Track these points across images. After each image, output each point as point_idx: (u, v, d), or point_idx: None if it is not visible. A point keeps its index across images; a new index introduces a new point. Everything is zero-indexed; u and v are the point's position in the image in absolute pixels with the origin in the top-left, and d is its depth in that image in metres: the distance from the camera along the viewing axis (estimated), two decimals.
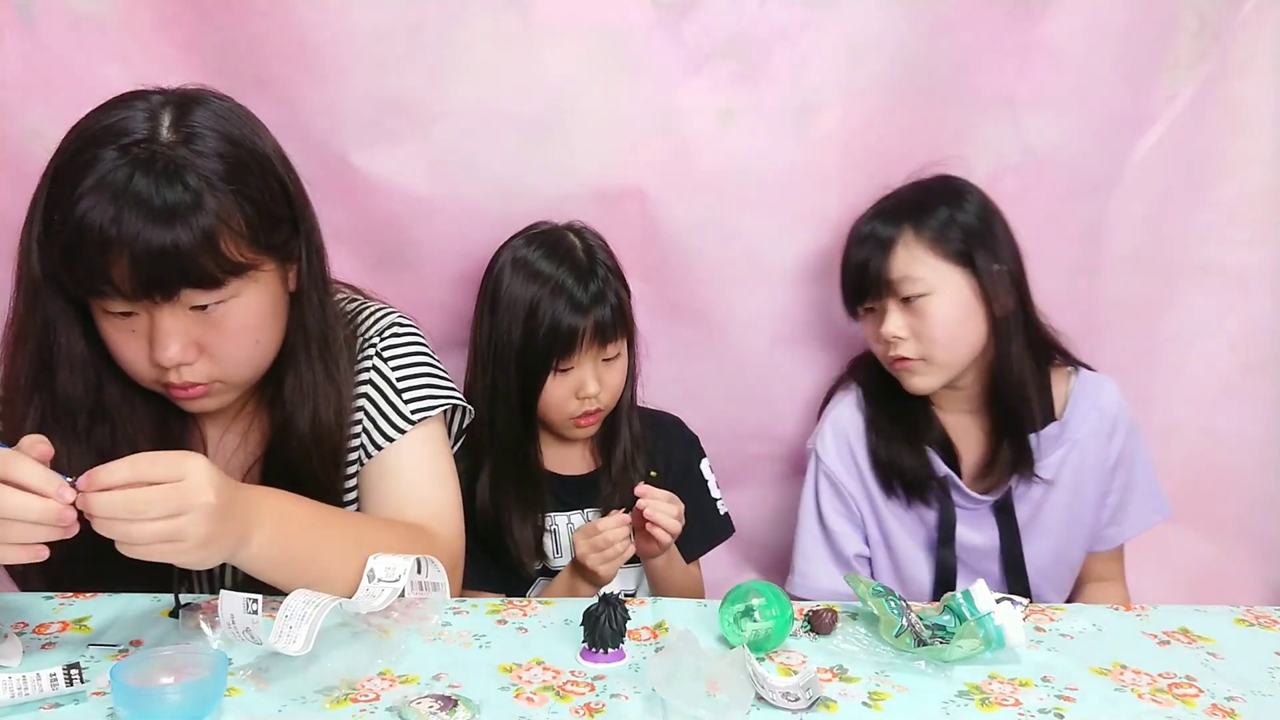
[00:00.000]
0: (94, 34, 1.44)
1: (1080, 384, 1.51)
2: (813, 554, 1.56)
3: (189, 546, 0.90)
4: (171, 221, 0.98)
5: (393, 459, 1.23)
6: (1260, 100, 1.60)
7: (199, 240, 1.00)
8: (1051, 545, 1.52)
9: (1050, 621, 1.13)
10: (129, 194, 0.98)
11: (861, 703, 0.95)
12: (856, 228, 1.50)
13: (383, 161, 1.51)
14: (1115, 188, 1.63)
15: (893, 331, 1.44)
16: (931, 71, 1.54)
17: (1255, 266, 1.66)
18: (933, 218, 1.44)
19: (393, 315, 1.29)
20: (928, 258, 1.42)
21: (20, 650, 1.00)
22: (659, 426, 1.57)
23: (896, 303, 1.44)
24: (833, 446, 1.55)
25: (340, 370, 1.20)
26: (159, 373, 1.07)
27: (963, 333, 1.43)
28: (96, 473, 0.88)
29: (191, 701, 0.88)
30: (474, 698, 0.92)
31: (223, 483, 0.92)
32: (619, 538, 1.36)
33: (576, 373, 1.41)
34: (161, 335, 1.04)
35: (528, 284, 1.41)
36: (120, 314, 1.05)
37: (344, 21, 1.44)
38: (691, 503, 1.55)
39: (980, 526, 1.51)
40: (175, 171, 0.99)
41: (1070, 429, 1.49)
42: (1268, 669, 1.04)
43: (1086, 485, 1.51)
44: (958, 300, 1.43)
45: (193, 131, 1.03)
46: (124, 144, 1.00)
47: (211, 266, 1.02)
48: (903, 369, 1.46)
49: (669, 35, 1.50)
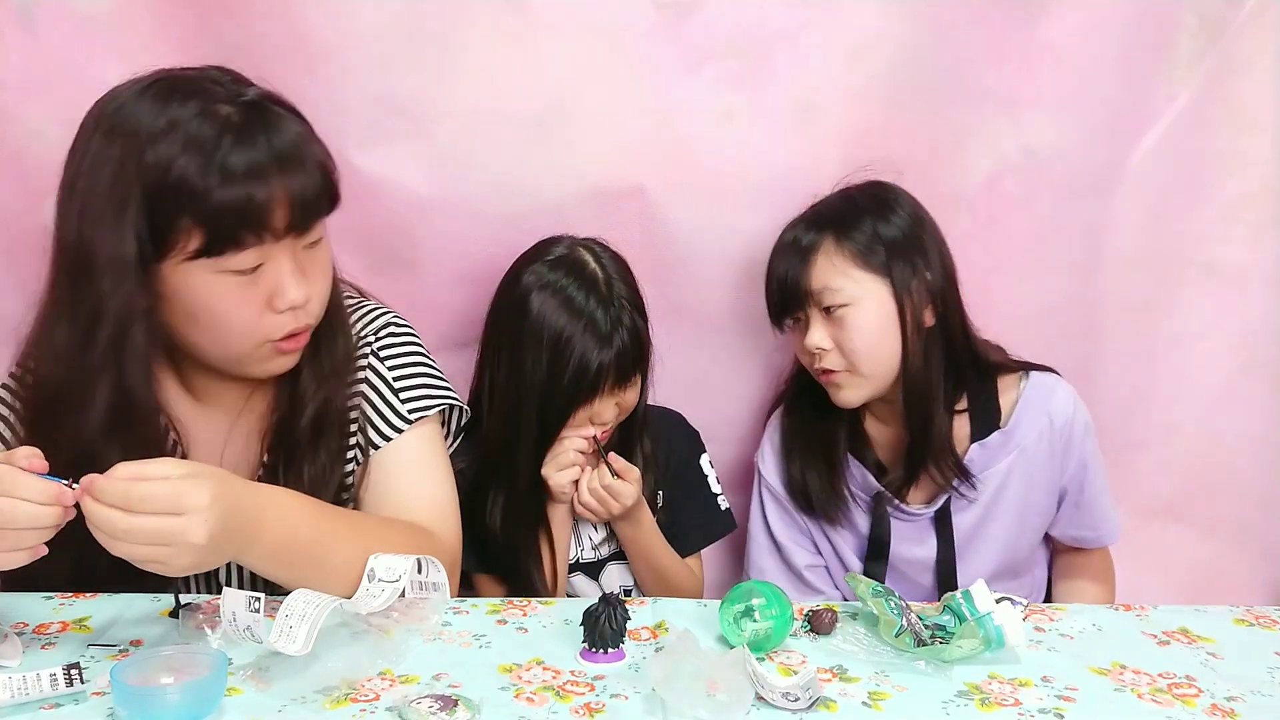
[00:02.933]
0: (94, 34, 1.44)
1: (1030, 389, 1.47)
2: (766, 567, 1.56)
3: (172, 569, 0.91)
4: (298, 160, 1.06)
5: (389, 459, 1.23)
6: (1260, 100, 1.60)
7: (321, 167, 1.10)
8: (995, 554, 1.49)
9: (1050, 621, 1.13)
10: (267, 141, 1.04)
11: (861, 703, 0.95)
12: (781, 237, 1.48)
13: (383, 162, 1.51)
14: (1115, 188, 1.63)
15: (815, 343, 1.41)
16: (931, 71, 1.54)
17: (1255, 266, 1.66)
18: (855, 229, 1.41)
19: (388, 315, 1.29)
20: (848, 268, 1.39)
21: (20, 650, 1.00)
22: (659, 422, 1.57)
23: (819, 313, 1.41)
24: (771, 460, 1.56)
25: (344, 359, 1.22)
26: (277, 325, 1.10)
27: (884, 344, 1.40)
28: (94, 484, 0.89)
29: (191, 701, 0.88)
30: (474, 698, 0.92)
31: (220, 515, 0.91)
32: (575, 447, 1.41)
33: (597, 404, 1.41)
34: (289, 277, 1.08)
35: (554, 315, 1.37)
36: (247, 271, 1.06)
37: (345, 22, 1.44)
38: (692, 497, 1.56)
39: (921, 539, 1.49)
40: (276, 120, 1.07)
41: (1016, 436, 1.45)
42: (1268, 669, 1.04)
43: (1036, 491, 1.48)
44: (879, 311, 1.39)
45: (265, 93, 1.11)
46: (214, 102, 1.04)
47: (334, 188, 1.12)
48: (829, 382, 1.43)
49: (669, 35, 1.50)
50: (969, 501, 1.46)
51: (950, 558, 1.48)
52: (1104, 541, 1.56)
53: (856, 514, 1.51)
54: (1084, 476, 1.49)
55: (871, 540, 1.50)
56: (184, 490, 0.90)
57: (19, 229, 1.11)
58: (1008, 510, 1.48)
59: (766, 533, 1.57)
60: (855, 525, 1.52)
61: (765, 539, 1.57)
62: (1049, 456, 1.46)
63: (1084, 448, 1.47)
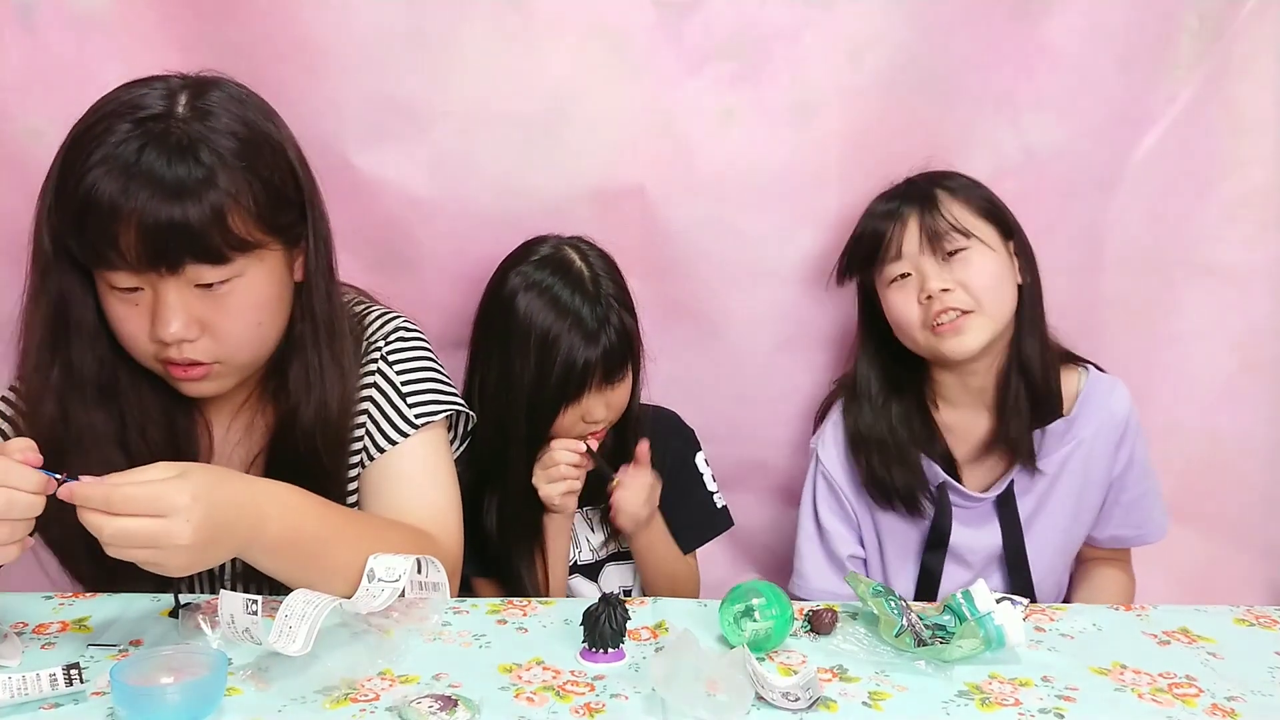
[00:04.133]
0: (94, 34, 1.44)
1: (1091, 383, 1.50)
2: (808, 554, 1.56)
3: (170, 569, 0.92)
4: (181, 195, 0.99)
5: (394, 463, 1.23)
6: (1260, 100, 1.59)
7: (207, 215, 1.01)
8: (1055, 542, 1.51)
9: (1050, 621, 1.13)
10: (140, 166, 0.99)
11: (861, 703, 0.95)
12: (876, 204, 1.48)
13: (383, 162, 1.51)
14: (1115, 188, 1.63)
15: (939, 285, 1.39)
16: (931, 71, 1.54)
17: (1255, 266, 1.66)
18: (961, 186, 1.45)
19: (398, 319, 1.29)
20: (965, 214, 1.42)
21: (20, 650, 1.00)
22: (654, 420, 1.56)
23: (936, 261, 1.41)
24: (833, 448, 1.55)
25: (346, 359, 1.20)
26: (159, 349, 1.07)
27: (1004, 285, 1.42)
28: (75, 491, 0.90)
29: (191, 701, 0.88)
30: (474, 698, 0.92)
31: (204, 513, 0.91)
32: (565, 460, 1.39)
33: (585, 402, 1.40)
34: (165, 309, 1.04)
35: (542, 312, 1.37)
36: (125, 289, 1.05)
37: (345, 22, 1.44)
38: (687, 495, 1.56)
39: (981, 526, 1.51)
40: (188, 146, 1.00)
41: (1077, 427, 1.48)
42: (1268, 669, 1.04)
43: (1091, 485, 1.50)
44: (996, 256, 1.42)
45: (208, 109, 1.04)
46: (139, 118, 1.01)
47: (218, 242, 1.02)
48: (950, 330, 1.39)
49: (669, 35, 1.49)
50: (1027, 485, 1.48)
51: (1018, 544, 1.49)
52: (1144, 540, 1.57)
53: (925, 506, 1.51)
54: (1130, 475, 1.51)
55: (933, 528, 1.50)
56: (164, 491, 0.90)
57: (19, 229, 1.11)
58: (1062, 502, 1.50)
59: (814, 518, 1.56)
60: (918, 516, 1.52)
61: (812, 525, 1.57)
62: (1105, 451, 1.49)
63: (1134, 445, 1.50)
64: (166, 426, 1.17)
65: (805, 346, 1.68)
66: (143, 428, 1.14)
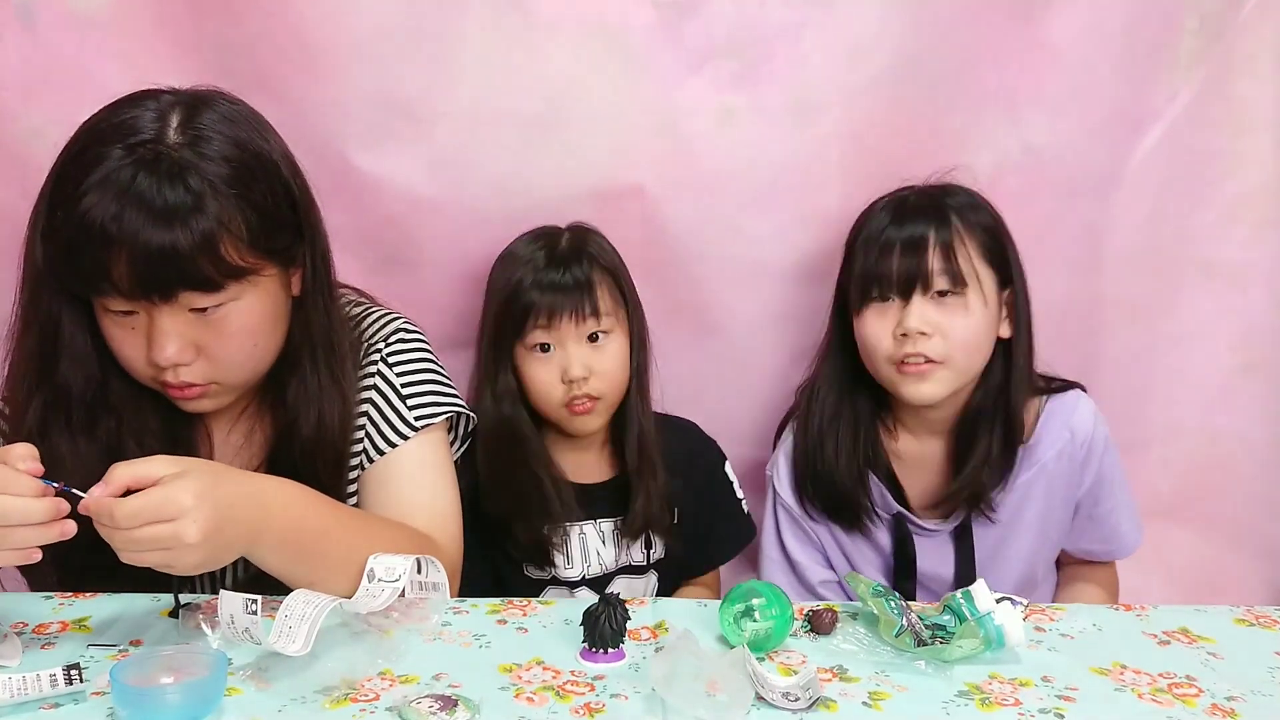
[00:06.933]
0: (94, 34, 1.44)
1: (1052, 403, 1.45)
2: (780, 583, 1.54)
3: (183, 569, 0.93)
4: (172, 223, 0.99)
5: (394, 465, 1.23)
6: (1260, 100, 1.59)
7: (198, 243, 1.00)
8: (1016, 570, 1.48)
9: (1050, 621, 1.13)
10: (132, 193, 0.98)
11: (861, 703, 0.95)
12: (882, 216, 1.40)
13: (383, 162, 1.51)
14: (1115, 187, 1.62)
15: (918, 325, 1.32)
16: (931, 71, 1.54)
17: (1255, 266, 1.66)
18: (975, 216, 1.37)
19: (398, 321, 1.29)
20: (969, 254, 1.34)
21: (20, 650, 1.00)
22: (678, 432, 1.55)
23: (927, 297, 1.34)
24: (786, 477, 1.52)
25: (345, 376, 1.20)
26: (156, 371, 1.07)
27: (984, 340, 1.36)
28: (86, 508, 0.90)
29: (191, 701, 0.88)
30: (474, 698, 0.92)
31: (211, 509, 0.91)
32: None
33: (558, 354, 1.39)
34: (159, 335, 1.04)
35: (505, 267, 1.44)
36: (120, 312, 1.05)
37: (345, 22, 1.44)
38: (719, 507, 1.55)
39: (943, 556, 1.47)
40: (179, 173, 1.00)
41: (1038, 451, 1.43)
42: (1268, 669, 1.04)
43: (1055, 506, 1.46)
44: (985, 312, 1.35)
45: (199, 134, 1.03)
46: (130, 143, 1.00)
47: (210, 270, 1.02)
48: (914, 373, 1.35)
49: (669, 35, 1.49)
50: (990, 520, 1.44)
51: (970, 575, 1.44)
52: (1114, 556, 1.55)
53: (878, 532, 1.48)
54: (1100, 491, 1.47)
55: (897, 558, 1.48)
56: (168, 496, 0.90)
57: (18, 229, 1.12)
58: (1029, 527, 1.46)
59: (779, 548, 1.53)
60: (877, 542, 1.49)
61: (778, 554, 1.53)
62: (1069, 471, 1.45)
63: (1103, 462, 1.46)
64: (166, 436, 1.16)
65: (805, 347, 1.68)
66: (140, 438, 1.13)
